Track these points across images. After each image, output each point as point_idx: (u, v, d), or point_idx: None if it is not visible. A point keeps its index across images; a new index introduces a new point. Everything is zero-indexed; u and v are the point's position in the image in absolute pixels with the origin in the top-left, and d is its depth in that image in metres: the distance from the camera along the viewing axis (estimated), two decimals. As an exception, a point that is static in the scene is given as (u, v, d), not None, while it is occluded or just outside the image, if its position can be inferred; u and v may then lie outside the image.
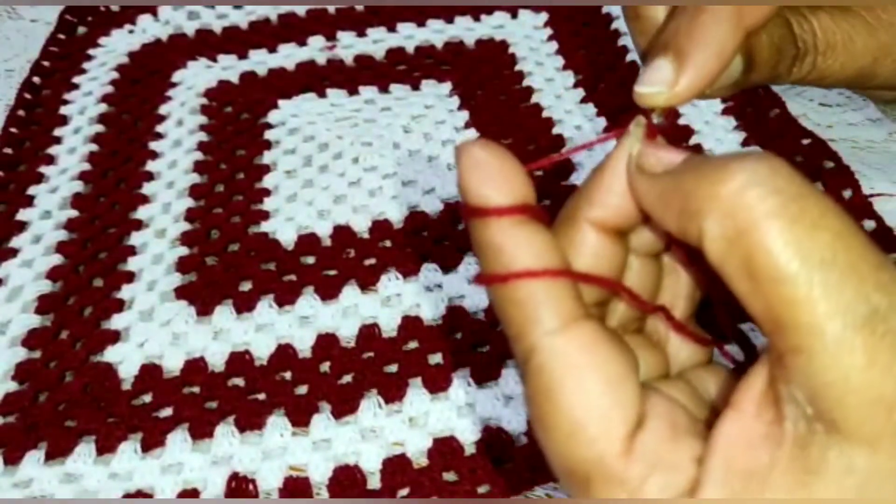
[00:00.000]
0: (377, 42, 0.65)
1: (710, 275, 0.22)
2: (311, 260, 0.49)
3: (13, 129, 0.59)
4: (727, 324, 0.24)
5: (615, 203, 0.24)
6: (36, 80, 0.64)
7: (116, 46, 0.67)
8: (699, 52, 0.26)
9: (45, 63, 0.65)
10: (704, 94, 0.28)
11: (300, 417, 0.41)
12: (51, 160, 0.58)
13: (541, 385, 0.21)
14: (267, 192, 0.54)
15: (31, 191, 0.55)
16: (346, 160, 0.56)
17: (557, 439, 0.21)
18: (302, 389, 0.43)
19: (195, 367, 0.44)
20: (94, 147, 0.58)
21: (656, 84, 0.26)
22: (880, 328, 0.19)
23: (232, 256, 0.50)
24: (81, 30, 0.69)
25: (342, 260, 0.49)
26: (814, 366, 0.19)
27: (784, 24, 0.31)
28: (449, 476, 0.39)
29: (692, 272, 0.25)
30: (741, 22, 0.27)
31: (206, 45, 0.66)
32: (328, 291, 0.47)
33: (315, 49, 0.65)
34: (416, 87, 0.61)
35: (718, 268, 0.20)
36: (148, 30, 0.68)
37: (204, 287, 0.48)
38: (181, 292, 0.48)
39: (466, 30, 0.65)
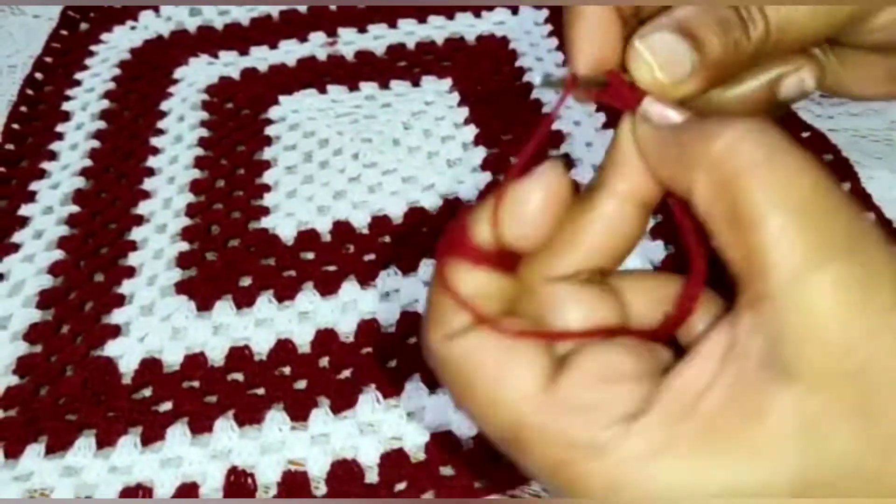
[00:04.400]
0: (378, 38, 0.65)
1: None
2: (310, 255, 0.50)
3: (15, 125, 0.60)
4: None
5: (633, 173, 0.24)
6: (38, 76, 0.64)
7: (118, 43, 0.67)
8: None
9: (48, 59, 0.65)
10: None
11: (299, 412, 0.42)
12: (52, 156, 0.58)
13: (459, 372, 0.22)
14: (267, 188, 0.54)
15: (33, 186, 0.56)
16: (347, 156, 0.56)
17: (483, 413, 0.22)
18: (301, 384, 0.43)
19: (195, 361, 0.44)
20: (95, 143, 0.58)
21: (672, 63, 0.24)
22: (847, 276, 0.19)
23: (232, 252, 0.50)
24: (84, 26, 0.69)
25: (342, 255, 0.49)
26: (779, 308, 0.20)
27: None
28: (446, 470, 0.39)
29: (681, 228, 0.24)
30: None
31: (208, 41, 0.66)
32: (328, 287, 0.47)
33: (316, 45, 0.65)
34: (416, 84, 0.61)
35: (705, 217, 0.21)
36: (150, 26, 0.68)
37: (204, 282, 0.48)
38: (181, 287, 0.48)
39: (467, 26, 0.65)
